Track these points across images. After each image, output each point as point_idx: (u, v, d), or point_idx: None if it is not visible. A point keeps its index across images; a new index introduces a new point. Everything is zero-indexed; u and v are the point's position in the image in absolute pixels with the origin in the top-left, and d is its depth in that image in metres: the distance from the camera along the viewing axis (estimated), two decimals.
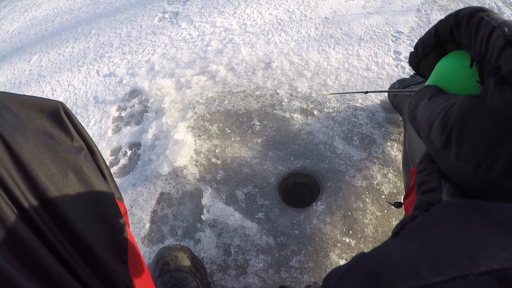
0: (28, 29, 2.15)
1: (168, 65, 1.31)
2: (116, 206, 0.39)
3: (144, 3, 1.85)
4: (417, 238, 0.22)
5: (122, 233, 0.38)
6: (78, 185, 0.37)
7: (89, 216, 0.36)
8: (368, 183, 0.89)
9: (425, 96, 0.31)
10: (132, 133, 1.11)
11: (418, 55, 0.35)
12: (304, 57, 1.20)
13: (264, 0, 1.52)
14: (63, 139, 0.40)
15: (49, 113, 0.40)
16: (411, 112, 0.33)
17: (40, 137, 0.37)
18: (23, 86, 1.58)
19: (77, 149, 0.40)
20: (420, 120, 0.30)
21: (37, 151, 0.36)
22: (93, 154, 0.42)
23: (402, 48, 1.23)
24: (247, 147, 1.00)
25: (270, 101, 1.09)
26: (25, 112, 0.38)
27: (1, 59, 1.93)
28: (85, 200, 0.37)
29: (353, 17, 1.38)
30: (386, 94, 1.07)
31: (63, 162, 0.37)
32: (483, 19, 0.26)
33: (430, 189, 0.29)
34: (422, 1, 1.47)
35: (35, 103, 0.40)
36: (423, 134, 0.30)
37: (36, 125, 0.38)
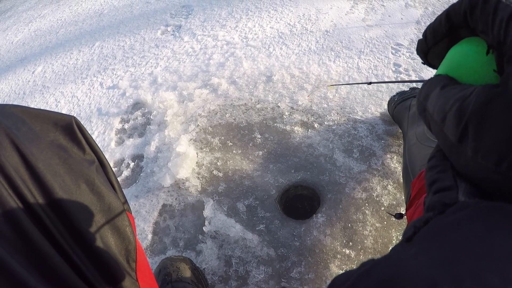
0: (32, 40, 2.23)
1: (171, 78, 1.37)
2: (126, 216, 0.43)
3: (147, 16, 1.93)
4: (434, 246, 0.21)
5: (131, 241, 0.42)
6: (90, 196, 0.41)
7: (100, 225, 0.40)
8: (368, 195, 0.92)
9: (436, 86, 0.29)
10: (135, 145, 1.16)
11: (427, 43, 0.33)
12: (304, 70, 1.25)
13: (266, 14, 1.59)
14: (76, 152, 0.44)
15: (62, 127, 0.44)
16: (421, 103, 0.32)
17: (54, 150, 0.41)
18: (27, 96, 1.64)
19: (89, 161, 0.44)
20: (432, 111, 0.29)
21: (51, 162, 0.39)
22: (103, 167, 0.46)
23: (401, 60, 1.28)
24: (248, 159, 1.04)
25: (271, 114, 1.13)
26: (39, 126, 0.42)
27: (6, 69, 2.00)
28: (97, 210, 0.41)
29: (353, 30, 1.44)
30: (386, 106, 1.11)
31: (76, 173, 0.41)
32: (501, 2, 0.25)
33: (443, 188, 0.27)
34: (421, 13, 1.53)
35: (49, 117, 0.44)
36: (435, 127, 0.28)
37: (50, 138, 0.42)
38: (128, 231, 0.42)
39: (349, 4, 1.59)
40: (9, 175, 0.35)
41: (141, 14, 1.99)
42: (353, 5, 1.58)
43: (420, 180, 0.72)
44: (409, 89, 1.09)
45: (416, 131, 0.88)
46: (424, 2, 1.61)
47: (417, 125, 0.90)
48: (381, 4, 1.59)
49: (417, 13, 1.53)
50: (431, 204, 0.27)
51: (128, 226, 0.43)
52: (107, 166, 0.47)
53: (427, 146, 0.82)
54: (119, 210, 0.42)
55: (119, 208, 0.42)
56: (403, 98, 1.04)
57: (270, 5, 1.65)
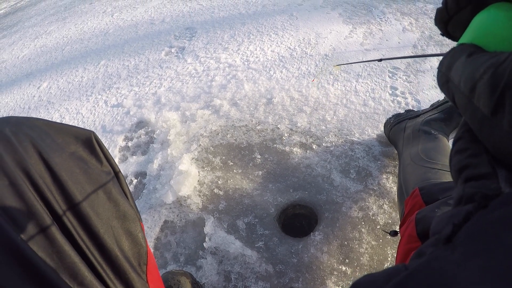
0: (38, 56, 2.35)
1: (174, 99, 1.47)
2: (139, 223, 0.50)
3: (152, 37, 2.06)
4: (484, 251, 0.18)
5: (143, 246, 0.49)
6: (107, 203, 0.49)
7: (116, 230, 0.48)
8: (364, 214, 0.99)
9: (461, 54, 0.28)
10: (138, 163, 1.24)
11: (448, 11, 0.31)
12: (304, 93, 1.35)
13: (267, 37, 1.71)
14: (94, 163, 0.51)
15: (82, 141, 0.51)
16: (444, 74, 0.30)
17: (74, 160, 0.48)
18: (32, 111, 1.74)
19: (106, 173, 0.52)
20: (458, 82, 0.27)
21: (72, 171, 0.46)
22: (118, 179, 0.54)
23: (398, 83, 1.38)
24: (248, 179, 1.12)
25: (271, 135, 1.22)
26: (61, 138, 0.49)
27: (11, 83, 2.11)
28: (113, 216, 0.48)
29: (351, 54, 1.55)
30: (382, 128, 1.20)
31: (95, 182, 0.49)
32: None
33: (478, 176, 0.25)
34: (418, 36, 1.64)
35: (71, 130, 0.51)
36: (462, 99, 0.26)
37: (71, 149, 0.50)
38: (140, 237, 0.50)
39: (348, 29, 1.72)
40: (35, 181, 0.41)
41: (146, 34, 2.12)
42: (352, 30, 1.71)
43: (413, 198, 0.79)
44: (404, 111, 1.17)
45: (410, 152, 0.95)
46: (421, 26, 1.73)
47: (412, 146, 0.98)
48: (379, 29, 1.71)
49: (414, 37, 1.64)
50: (467, 195, 0.24)
51: (140, 232, 0.50)
52: (121, 178, 0.54)
53: (421, 166, 0.89)
54: (133, 218, 0.50)
55: (133, 216, 0.50)
56: (398, 120, 1.12)
57: (271, 29, 1.78)
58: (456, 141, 0.30)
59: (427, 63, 1.48)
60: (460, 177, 0.28)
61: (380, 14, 1.84)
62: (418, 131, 1.00)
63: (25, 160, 0.41)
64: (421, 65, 1.47)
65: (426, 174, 0.84)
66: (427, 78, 1.40)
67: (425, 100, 1.29)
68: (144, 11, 2.51)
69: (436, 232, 0.26)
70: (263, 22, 1.87)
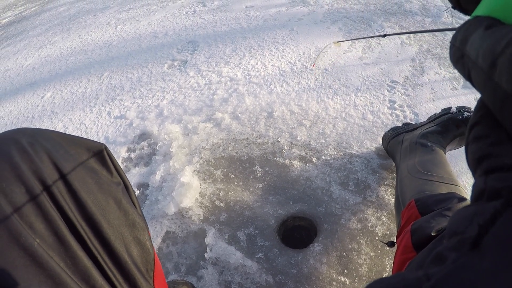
0: (42, 66, 2.42)
1: (177, 111, 1.53)
2: (147, 232, 0.55)
3: (155, 50, 2.13)
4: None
5: (151, 253, 0.54)
6: (118, 212, 0.53)
7: (126, 238, 0.52)
8: (362, 225, 1.04)
9: (478, 27, 0.26)
10: (140, 174, 1.29)
11: None
12: (304, 107, 1.41)
13: (268, 52, 1.78)
14: (105, 174, 0.56)
15: (94, 152, 0.56)
16: (458, 49, 0.28)
17: (87, 171, 0.52)
18: (36, 120, 1.79)
19: (116, 183, 0.57)
20: (475, 56, 0.25)
21: (85, 181, 0.50)
22: (127, 189, 0.59)
23: (396, 97, 1.43)
24: (249, 191, 1.16)
25: (271, 148, 1.27)
26: (74, 150, 0.53)
27: (15, 92, 2.17)
28: (123, 224, 0.53)
29: (350, 68, 1.61)
30: (381, 141, 1.25)
31: (106, 192, 0.53)
32: None
33: (501, 167, 0.23)
34: (416, 50, 1.71)
35: (83, 143, 0.55)
36: (480, 75, 0.25)
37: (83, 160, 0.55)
38: (148, 244, 0.54)
39: (347, 43, 1.78)
40: (51, 189, 0.44)
41: (149, 47, 2.20)
42: (351, 44, 1.78)
43: (409, 209, 0.83)
44: (402, 125, 1.23)
45: (407, 164, 1.00)
46: (419, 39, 1.80)
47: (409, 158, 1.02)
48: (377, 43, 1.78)
49: (412, 50, 1.71)
50: (491, 190, 0.22)
51: (148, 240, 0.55)
52: (130, 189, 0.59)
53: (418, 178, 0.93)
54: (142, 226, 0.55)
55: (142, 224, 0.55)
56: (396, 133, 1.17)
57: (272, 44, 1.86)
58: (473, 127, 0.28)
59: (425, 76, 1.54)
60: (479, 167, 0.26)
61: (379, 28, 1.92)
62: (415, 144, 1.05)
63: (41, 169, 0.44)
64: (419, 78, 1.53)
65: (423, 186, 0.88)
66: (425, 91, 1.46)
67: (423, 113, 1.34)
68: (147, 24, 2.60)
69: (456, 232, 0.24)
70: (264, 36, 1.95)
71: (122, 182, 0.58)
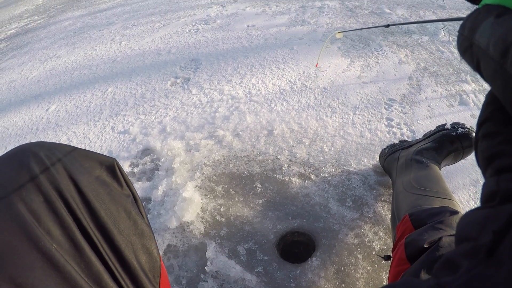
0: (47, 79, 2.51)
1: (179, 128, 1.60)
2: (154, 241, 0.61)
3: (158, 67, 2.23)
4: None
5: (157, 260, 0.60)
6: (127, 222, 0.59)
7: (135, 246, 0.58)
8: (360, 240, 1.09)
9: (488, 15, 0.26)
10: (143, 189, 1.35)
11: None
12: (303, 125, 1.49)
13: (268, 71, 1.87)
14: (116, 187, 0.62)
15: (106, 166, 0.62)
16: (466, 38, 0.28)
17: (99, 183, 0.58)
18: (40, 132, 1.86)
19: (126, 195, 0.63)
20: (485, 45, 0.25)
21: (98, 192, 0.56)
22: (136, 201, 0.65)
23: (394, 115, 1.51)
24: (249, 207, 1.22)
25: (271, 165, 1.34)
26: (88, 163, 0.59)
27: (20, 103, 2.25)
28: (133, 233, 0.59)
29: (349, 87, 1.70)
30: (378, 159, 1.32)
31: (117, 203, 0.59)
32: None
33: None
34: (414, 68, 1.80)
35: (96, 157, 0.61)
36: (491, 64, 0.24)
37: (96, 174, 0.59)
38: (155, 252, 0.61)
39: (346, 62, 1.88)
40: (67, 199, 0.48)
41: (153, 64, 2.30)
42: (349, 63, 1.87)
43: (403, 223, 0.89)
44: (398, 142, 1.29)
45: (403, 180, 1.06)
46: (416, 57, 1.89)
47: (404, 174, 1.08)
48: (376, 62, 1.87)
49: (409, 68, 1.80)
50: (505, 191, 0.21)
51: (155, 248, 0.61)
52: (138, 201, 0.66)
53: (412, 193, 0.98)
54: (149, 235, 0.61)
55: (149, 234, 0.61)
56: (392, 150, 1.23)
57: (272, 63, 1.95)
58: (483, 123, 0.27)
59: (422, 94, 1.62)
60: (490, 166, 0.25)
61: (377, 47, 2.01)
62: (410, 161, 1.11)
63: (57, 181, 0.49)
64: (416, 96, 1.61)
65: (417, 201, 0.93)
66: (422, 108, 1.53)
67: (420, 130, 1.41)
68: (151, 41, 2.71)
69: (468, 237, 0.23)
70: (265, 55, 2.05)
71: (131, 194, 0.65)
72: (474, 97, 1.57)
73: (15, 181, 0.46)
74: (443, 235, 0.72)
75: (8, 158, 0.49)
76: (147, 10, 3.65)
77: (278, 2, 2.99)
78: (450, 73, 1.74)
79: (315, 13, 2.61)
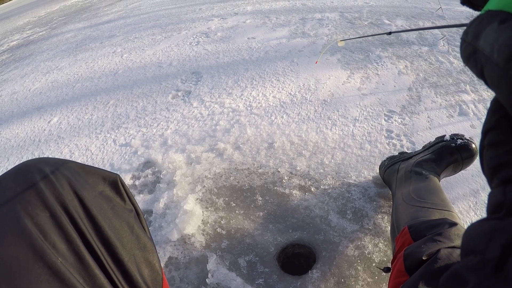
0: (49, 90, 2.56)
1: (180, 141, 1.64)
2: (156, 254, 0.64)
3: (159, 80, 2.27)
4: None
5: (159, 273, 0.62)
6: (130, 236, 0.62)
7: (138, 259, 0.61)
8: (360, 252, 1.11)
9: (491, 21, 0.26)
10: (144, 201, 1.38)
11: None
12: (303, 138, 1.52)
13: (269, 84, 1.91)
14: (119, 202, 0.65)
15: (109, 182, 0.64)
16: (469, 44, 0.28)
17: (103, 198, 0.60)
18: (42, 144, 1.90)
19: (129, 210, 0.66)
20: (489, 51, 0.25)
21: (102, 207, 0.58)
22: (138, 216, 0.68)
23: (393, 126, 1.54)
24: (249, 219, 1.25)
25: (271, 178, 1.37)
26: (91, 179, 0.61)
27: (22, 115, 2.29)
28: (136, 247, 0.62)
29: (349, 99, 1.73)
30: (378, 170, 1.34)
31: (120, 217, 0.61)
32: None
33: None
34: (413, 79, 1.83)
35: (99, 173, 0.63)
36: (496, 71, 0.24)
37: (99, 189, 0.62)
38: (157, 266, 0.63)
39: (346, 74, 1.91)
40: (71, 214, 0.50)
41: (154, 77, 2.34)
42: (349, 75, 1.90)
43: (402, 235, 0.90)
44: (398, 154, 1.31)
45: (402, 192, 1.08)
46: (416, 68, 1.92)
47: (404, 186, 1.10)
48: (375, 73, 1.91)
49: (409, 79, 1.83)
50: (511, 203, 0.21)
51: (157, 261, 0.63)
52: (141, 215, 0.69)
53: (412, 205, 1.00)
54: (152, 249, 0.63)
55: (152, 248, 0.64)
56: (392, 162, 1.26)
57: (273, 75, 1.99)
58: (488, 132, 0.27)
59: (422, 105, 1.65)
60: (496, 176, 0.25)
61: (376, 58, 2.05)
62: (410, 172, 1.13)
63: (62, 196, 0.50)
64: (415, 107, 1.64)
65: (416, 212, 0.95)
66: (421, 120, 1.56)
67: (420, 142, 1.44)
68: (152, 53, 2.76)
69: (475, 250, 0.23)
70: (265, 68, 2.09)
71: (134, 209, 0.67)
72: (474, 107, 1.60)
73: (21, 196, 0.48)
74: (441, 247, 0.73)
75: (14, 174, 0.51)
76: (148, 23, 3.73)
77: (278, 14, 3.05)
78: (449, 83, 1.78)
79: (315, 25, 2.67)
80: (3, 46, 4.79)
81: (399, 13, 2.66)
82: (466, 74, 1.83)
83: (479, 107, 1.60)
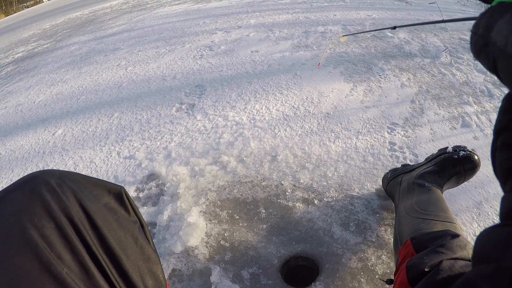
0: (54, 103, 2.61)
1: (184, 154, 1.67)
2: (160, 265, 0.67)
3: (163, 93, 2.32)
4: None
5: (163, 284, 0.65)
6: (135, 247, 0.65)
7: (142, 270, 0.64)
8: (363, 264, 1.13)
9: (503, 13, 0.25)
10: (148, 213, 1.41)
11: None
12: (306, 151, 1.55)
13: (272, 97, 1.96)
14: (123, 214, 0.68)
15: (114, 194, 0.67)
16: (481, 37, 0.27)
17: (107, 210, 0.63)
18: (47, 156, 1.94)
19: (133, 222, 0.68)
20: (503, 44, 0.24)
21: (106, 219, 0.60)
22: (143, 228, 0.71)
23: (396, 139, 1.57)
24: (253, 232, 1.27)
25: (275, 191, 1.40)
26: (96, 191, 0.64)
27: (27, 127, 2.34)
28: (139, 258, 0.65)
29: (352, 111, 1.77)
30: (381, 183, 1.37)
31: (125, 229, 0.64)
32: None
33: None
34: (416, 91, 1.86)
35: (104, 185, 0.66)
36: (510, 63, 0.24)
37: (104, 201, 0.64)
38: (161, 276, 0.66)
39: (349, 87, 1.95)
40: (77, 225, 0.51)
41: (158, 90, 2.40)
42: (352, 88, 1.94)
43: (405, 247, 0.92)
44: (400, 166, 1.34)
45: (405, 204, 1.10)
46: (418, 81, 1.96)
47: (407, 198, 1.12)
48: (378, 86, 1.94)
49: (411, 92, 1.86)
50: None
51: (161, 272, 0.66)
52: (145, 227, 0.72)
53: (414, 217, 1.02)
54: (156, 260, 0.66)
55: (155, 259, 0.67)
56: (395, 174, 1.28)
57: (276, 88, 2.04)
58: (501, 132, 0.26)
59: (425, 117, 1.68)
60: (510, 179, 0.24)
61: (379, 71, 2.10)
62: (412, 184, 1.15)
63: (68, 208, 0.52)
64: (418, 119, 1.67)
65: (419, 224, 0.97)
66: (424, 132, 1.59)
67: (422, 154, 1.47)
68: (156, 66, 2.83)
69: (489, 258, 0.22)
70: (268, 81, 2.14)
71: (138, 221, 0.70)
72: (477, 119, 1.63)
73: (27, 208, 0.49)
74: (443, 259, 0.75)
75: (20, 186, 0.52)
76: (152, 36, 3.82)
77: (282, 28, 3.12)
78: (452, 95, 1.81)
79: (318, 38, 2.73)
80: (8, 58, 4.91)
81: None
82: (468, 85, 1.87)
83: (482, 118, 1.63)
